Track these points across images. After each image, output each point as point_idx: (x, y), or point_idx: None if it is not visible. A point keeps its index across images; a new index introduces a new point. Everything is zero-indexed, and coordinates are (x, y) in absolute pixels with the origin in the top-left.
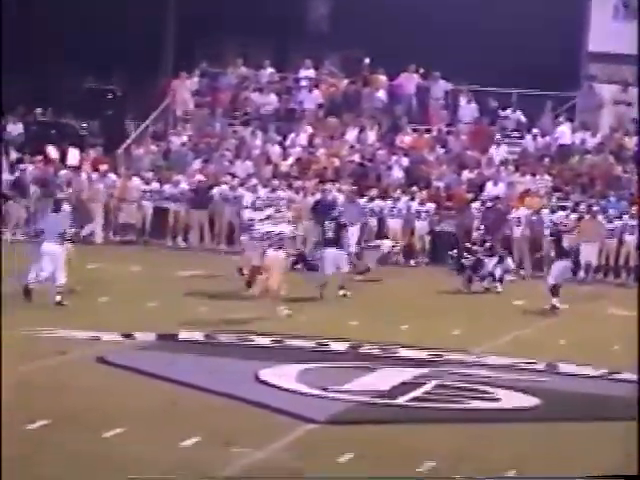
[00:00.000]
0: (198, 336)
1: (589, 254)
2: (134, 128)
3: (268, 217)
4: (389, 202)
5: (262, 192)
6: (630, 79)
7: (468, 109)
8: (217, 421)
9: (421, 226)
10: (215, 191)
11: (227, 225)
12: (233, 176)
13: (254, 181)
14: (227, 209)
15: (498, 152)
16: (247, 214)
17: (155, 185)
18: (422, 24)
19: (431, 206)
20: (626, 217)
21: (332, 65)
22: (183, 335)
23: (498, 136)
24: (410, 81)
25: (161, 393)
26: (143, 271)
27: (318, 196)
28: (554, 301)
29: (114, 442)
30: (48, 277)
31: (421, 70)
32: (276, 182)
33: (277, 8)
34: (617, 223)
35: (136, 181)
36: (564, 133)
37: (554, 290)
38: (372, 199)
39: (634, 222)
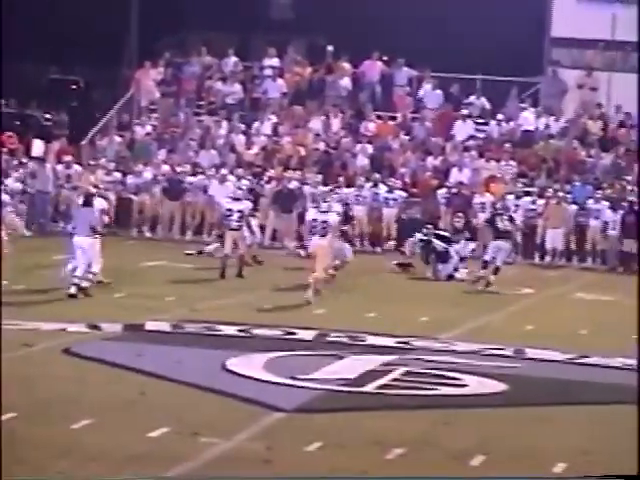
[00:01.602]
0: (165, 326)
1: (555, 239)
2: (98, 119)
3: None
4: (354, 190)
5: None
6: (594, 64)
7: (433, 95)
8: (185, 411)
9: (389, 213)
10: (189, 181)
11: (200, 215)
12: (195, 166)
13: (223, 171)
14: (201, 199)
15: (464, 128)
16: (225, 204)
17: (117, 176)
18: (386, 11)
19: (399, 193)
20: (591, 202)
21: (296, 53)
22: (150, 325)
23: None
24: (374, 68)
25: (128, 384)
26: (108, 261)
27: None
28: (492, 278)
29: (83, 433)
30: (84, 270)
31: (384, 57)
32: (240, 171)
33: None
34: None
35: (100, 172)
36: (528, 118)
37: (496, 270)
38: (338, 187)
39: (599, 206)
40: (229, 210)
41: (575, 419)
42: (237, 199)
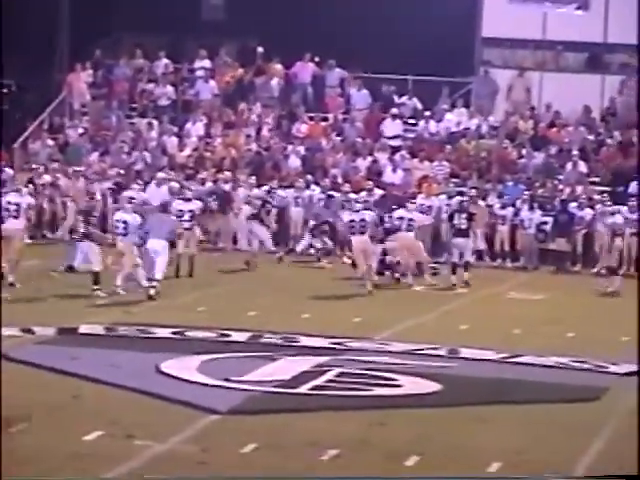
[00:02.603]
0: (99, 329)
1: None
2: (30, 122)
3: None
4: (291, 191)
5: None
6: (525, 64)
7: (360, 96)
8: (119, 414)
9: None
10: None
11: None
12: (128, 168)
13: (160, 174)
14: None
15: (392, 127)
16: (176, 205)
17: (48, 178)
18: (318, 12)
19: (334, 194)
20: (519, 202)
21: (228, 55)
22: (83, 329)
23: (393, 111)
24: (305, 69)
25: (63, 387)
26: (44, 265)
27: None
28: (466, 275)
29: (17, 437)
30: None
31: (316, 58)
32: (172, 173)
33: None
34: (511, 208)
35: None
36: (460, 118)
37: (466, 266)
38: (273, 189)
39: (521, 206)
40: (180, 211)
41: (509, 418)
42: (188, 199)
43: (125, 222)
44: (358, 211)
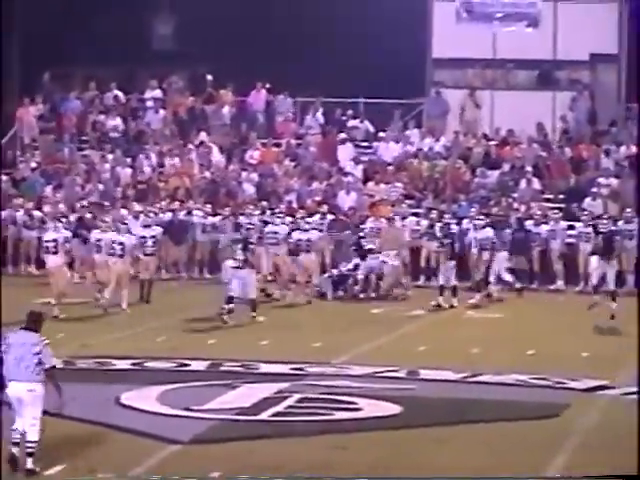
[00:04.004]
0: (57, 363)
1: (390, 260)
2: None
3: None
4: (242, 218)
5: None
6: (476, 83)
7: (313, 121)
8: (80, 448)
9: None
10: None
11: None
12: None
13: (137, 207)
14: None
15: (345, 151)
16: (139, 232)
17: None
18: (270, 38)
19: (288, 220)
20: (466, 221)
21: (178, 83)
22: None
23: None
24: (258, 96)
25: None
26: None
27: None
28: (454, 301)
29: None
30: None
31: (268, 85)
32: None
33: (122, 27)
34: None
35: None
36: (413, 140)
37: (454, 291)
38: (233, 215)
39: (469, 226)
40: (143, 237)
41: (470, 438)
42: (148, 226)
43: (122, 243)
44: (307, 230)
